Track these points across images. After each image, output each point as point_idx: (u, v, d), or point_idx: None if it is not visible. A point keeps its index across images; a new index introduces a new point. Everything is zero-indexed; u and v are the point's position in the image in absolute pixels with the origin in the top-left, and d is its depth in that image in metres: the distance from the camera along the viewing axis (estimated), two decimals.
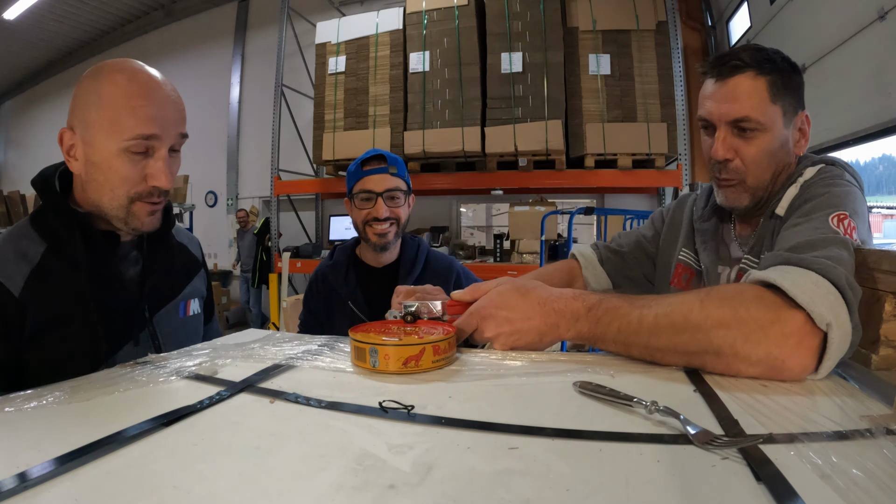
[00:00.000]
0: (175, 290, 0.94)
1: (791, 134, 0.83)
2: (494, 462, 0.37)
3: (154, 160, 0.78)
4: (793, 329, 0.54)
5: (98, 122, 0.76)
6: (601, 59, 3.36)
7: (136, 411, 0.47)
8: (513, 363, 0.63)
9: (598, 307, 0.63)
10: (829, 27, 2.56)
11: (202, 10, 6.06)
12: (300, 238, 5.04)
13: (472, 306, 0.70)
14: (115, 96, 0.75)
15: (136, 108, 0.75)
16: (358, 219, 1.30)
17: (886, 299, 0.61)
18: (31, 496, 0.33)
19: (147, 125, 0.76)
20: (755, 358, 0.55)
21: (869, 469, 0.34)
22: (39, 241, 0.79)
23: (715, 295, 0.59)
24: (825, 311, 0.54)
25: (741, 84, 0.79)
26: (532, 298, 0.67)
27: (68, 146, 0.79)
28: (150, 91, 0.77)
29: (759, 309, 0.56)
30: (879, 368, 0.60)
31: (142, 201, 0.79)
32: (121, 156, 0.76)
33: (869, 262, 0.64)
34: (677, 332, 0.58)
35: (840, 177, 0.77)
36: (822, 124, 2.61)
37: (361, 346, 0.62)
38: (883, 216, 5.75)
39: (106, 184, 0.78)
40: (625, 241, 1.09)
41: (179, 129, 0.80)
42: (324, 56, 4.07)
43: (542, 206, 3.56)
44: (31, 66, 7.12)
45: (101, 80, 0.77)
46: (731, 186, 0.85)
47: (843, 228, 0.66)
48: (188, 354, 0.69)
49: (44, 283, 0.76)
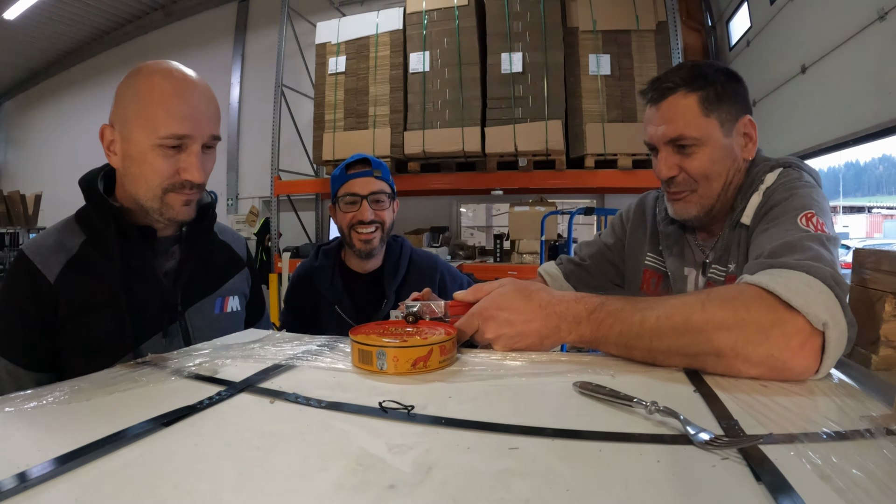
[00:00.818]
0: (212, 286, 0.95)
1: (735, 140, 0.85)
2: (494, 462, 0.37)
3: (186, 155, 0.82)
4: (794, 331, 0.54)
5: (134, 118, 0.80)
6: (601, 59, 3.36)
7: (136, 411, 0.47)
8: (513, 363, 0.63)
9: (600, 310, 0.64)
10: (829, 27, 2.56)
11: (202, 10, 6.05)
12: (300, 238, 5.04)
13: (474, 307, 0.70)
14: (150, 95, 0.79)
15: (170, 106, 0.79)
16: (343, 223, 1.28)
17: (886, 299, 0.61)
18: (31, 496, 0.33)
19: (180, 125, 0.80)
20: (756, 359, 0.55)
21: (869, 469, 0.34)
22: (80, 233, 0.85)
23: (716, 297, 0.59)
24: (820, 311, 0.54)
25: (673, 105, 0.84)
26: (534, 301, 0.67)
27: (108, 141, 0.84)
28: (184, 91, 0.81)
29: (760, 310, 0.56)
30: (879, 368, 0.60)
31: (175, 192, 0.83)
32: (154, 150, 0.80)
33: (869, 262, 0.64)
34: (679, 334, 0.58)
35: (799, 178, 0.79)
36: (822, 124, 2.60)
37: (367, 349, 0.61)
38: (883, 216, 5.75)
39: (141, 176, 0.82)
40: (586, 253, 1.11)
41: (212, 130, 0.84)
42: (324, 56, 4.07)
43: (542, 206, 3.56)
44: (31, 66, 7.11)
45: (139, 79, 0.81)
46: (679, 200, 0.88)
47: (813, 226, 0.68)
48: (188, 354, 0.69)
49: (78, 272, 0.82)
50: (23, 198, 5.93)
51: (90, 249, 0.83)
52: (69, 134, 6.78)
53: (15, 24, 5.68)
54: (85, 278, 0.82)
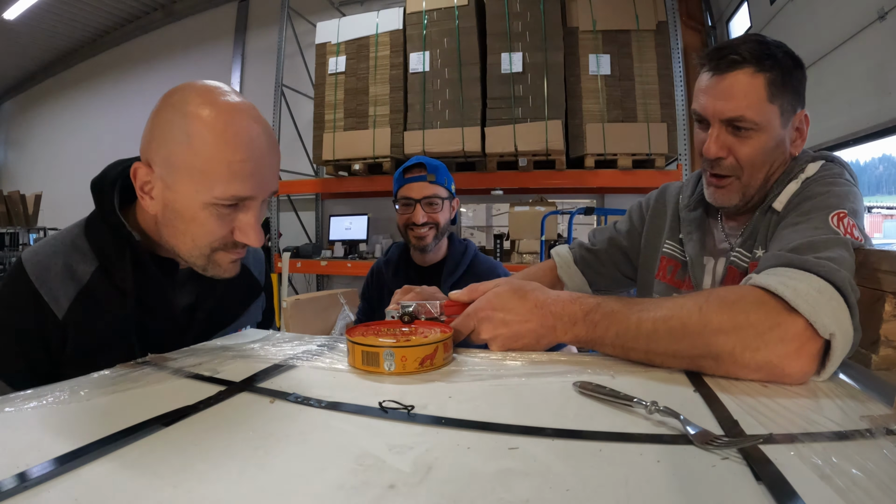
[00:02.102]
0: (227, 320, 0.89)
1: (788, 134, 0.81)
2: (494, 462, 0.37)
3: (245, 215, 0.71)
4: (792, 335, 0.54)
5: (185, 168, 0.67)
6: (601, 59, 3.36)
7: (136, 411, 0.47)
8: (513, 363, 0.63)
9: (596, 311, 0.63)
10: (829, 27, 2.56)
11: (202, 10, 6.05)
12: (300, 238, 5.04)
13: (470, 307, 0.69)
14: (207, 143, 0.66)
15: (233, 163, 0.66)
16: (400, 222, 1.42)
17: (886, 299, 0.61)
18: (31, 496, 0.33)
19: (242, 186, 0.68)
20: (754, 364, 0.54)
21: (869, 469, 0.34)
22: (92, 257, 0.74)
23: (714, 300, 0.58)
24: (828, 321, 0.53)
25: (738, 81, 0.76)
26: (530, 301, 0.66)
27: (143, 182, 0.71)
28: (250, 143, 0.68)
29: (759, 315, 0.55)
30: (879, 368, 0.60)
31: (224, 251, 0.73)
32: (207, 209, 0.68)
33: (869, 262, 0.64)
34: (676, 338, 0.58)
35: (840, 175, 0.76)
36: (822, 124, 2.60)
37: (374, 351, 0.60)
38: (883, 216, 5.74)
39: (187, 233, 0.71)
40: (598, 239, 1.09)
41: (274, 186, 0.73)
42: (324, 56, 4.07)
43: (542, 206, 3.56)
44: (31, 66, 7.11)
45: (189, 117, 0.66)
46: (722, 187, 0.83)
47: (844, 228, 0.66)
48: (188, 354, 0.69)
49: (89, 308, 0.72)
50: (23, 198, 5.93)
51: (103, 280, 0.73)
52: (69, 134, 6.78)
53: (15, 24, 5.68)
54: (97, 315, 0.72)
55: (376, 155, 3.75)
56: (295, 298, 2.01)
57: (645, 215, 1.05)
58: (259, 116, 0.71)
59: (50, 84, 7.24)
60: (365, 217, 4.35)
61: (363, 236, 4.31)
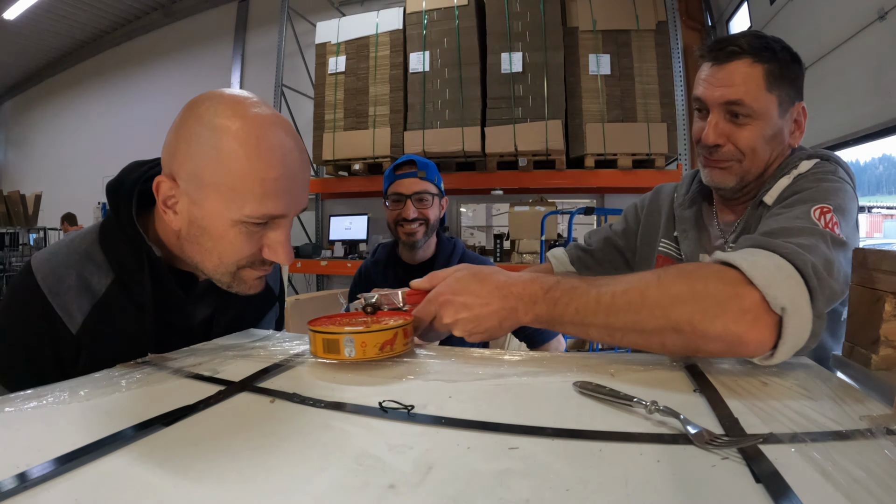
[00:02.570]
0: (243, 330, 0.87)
1: (786, 125, 0.82)
2: (494, 462, 0.37)
3: (275, 232, 0.68)
4: (749, 304, 0.53)
5: (214, 184, 0.63)
6: (601, 59, 3.36)
7: (136, 411, 0.47)
8: (513, 362, 0.63)
9: (556, 288, 0.63)
10: (829, 27, 2.56)
11: (202, 10, 6.05)
12: (300, 238, 5.04)
13: (430, 293, 0.69)
14: (238, 160, 0.62)
15: (266, 181, 0.63)
16: (390, 219, 1.42)
17: (886, 299, 0.61)
18: (31, 496, 0.33)
19: (275, 205, 0.65)
20: (713, 333, 0.54)
21: (869, 469, 0.34)
22: (107, 269, 0.70)
23: (673, 272, 0.58)
24: (780, 295, 0.53)
25: (737, 70, 0.79)
26: (490, 283, 0.65)
27: (166, 196, 0.67)
28: (283, 159, 0.65)
29: (717, 284, 0.55)
30: (879, 368, 0.60)
31: (251, 268, 0.70)
32: (236, 227, 0.65)
33: (869, 262, 0.63)
34: (635, 309, 0.57)
35: (833, 172, 0.76)
36: (822, 124, 2.60)
37: (334, 338, 0.62)
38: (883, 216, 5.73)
39: (214, 250, 0.68)
40: (594, 239, 1.10)
41: (305, 203, 0.70)
42: (324, 56, 4.07)
43: (542, 206, 3.56)
44: (31, 66, 7.11)
45: (218, 130, 0.63)
46: (721, 168, 0.84)
47: (825, 222, 0.65)
48: (188, 354, 0.69)
49: (104, 322, 0.69)
50: (23, 198, 5.94)
51: (119, 294, 0.69)
52: (69, 134, 6.78)
53: (15, 24, 5.68)
54: (112, 330, 0.69)
55: (376, 155, 3.75)
56: (295, 298, 2.01)
57: (640, 215, 1.06)
58: (291, 129, 0.68)
59: (50, 84, 7.25)
60: (365, 217, 4.36)
61: (363, 236, 4.31)
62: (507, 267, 3.61)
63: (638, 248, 1.05)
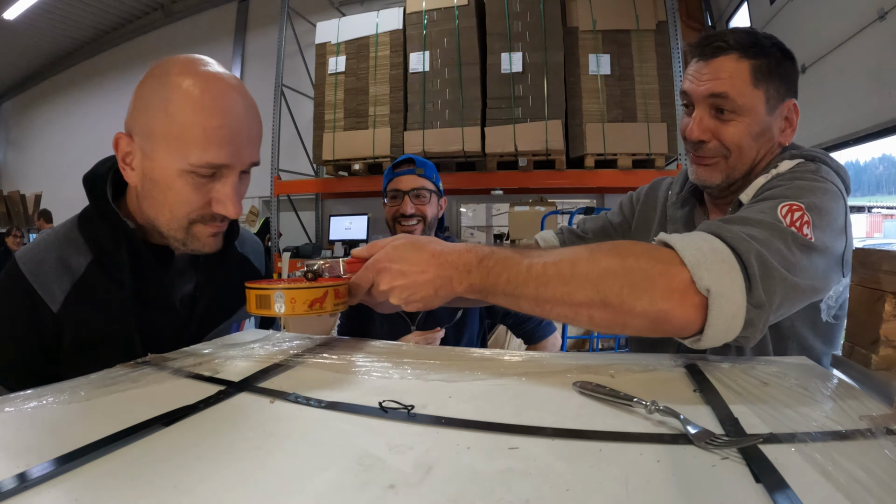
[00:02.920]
0: (229, 311, 0.88)
1: (775, 122, 0.81)
2: (494, 462, 0.37)
3: (221, 185, 0.70)
4: (678, 282, 0.53)
5: (161, 135, 0.67)
6: (601, 59, 3.36)
7: (136, 411, 0.47)
8: (513, 363, 0.63)
9: (490, 258, 0.63)
10: (829, 27, 2.56)
11: (202, 10, 6.05)
12: (300, 238, 5.04)
13: (368, 261, 0.69)
14: (183, 109, 0.65)
15: (208, 129, 0.66)
16: (388, 216, 1.43)
17: (886, 299, 0.61)
18: (31, 496, 0.33)
19: (218, 153, 0.67)
20: (640, 309, 0.54)
21: (869, 469, 0.34)
22: (86, 249, 0.73)
23: (606, 246, 0.59)
24: (706, 276, 0.53)
25: (723, 65, 0.79)
26: (426, 251, 0.65)
27: (124, 153, 0.71)
28: (226, 109, 0.67)
29: (649, 261, 0.55)
30: (879, 368, 0.60)
31: (203, 224, 0.72)
32: (183, 177, 0.68)
33: (869, 262, 0.63)
34: (564, 280, 0.57)
35: (814, 172, 0.73)
36: (822, 124, 2.61)
37: (265, 293, 0.64)
38: (883, 216, 5.73)
39: (164, 203, 0.70)
40: (589, 227, 1.08)
41: (253, 157, 0.72)
42: (324, 56, 4.07)
43: (542, 206, 3.57)
44: (31, 66, 7.11)
45: (168, 84, 0.66)
46: (707, 165, 0.83)
47: (791, 220, 0.63)
48: (188, 354, 0.69)
49: (85, 300, 0.71)
50: (23, 198, 5.94)
51: (98, 273, 0.72)
52: (69, 134, 6.77)
53: (15, 24, 5.68)
54: (93, 308, 0.71)
55: (376, 155, 3.75)
56: None
57: (635, 207, 1.05)
58: (240, 86, 0.70)
59: (50, 84, 7.25)
60: (365, 217, 4.36)
61: (363, 236, 4.31)
62: None
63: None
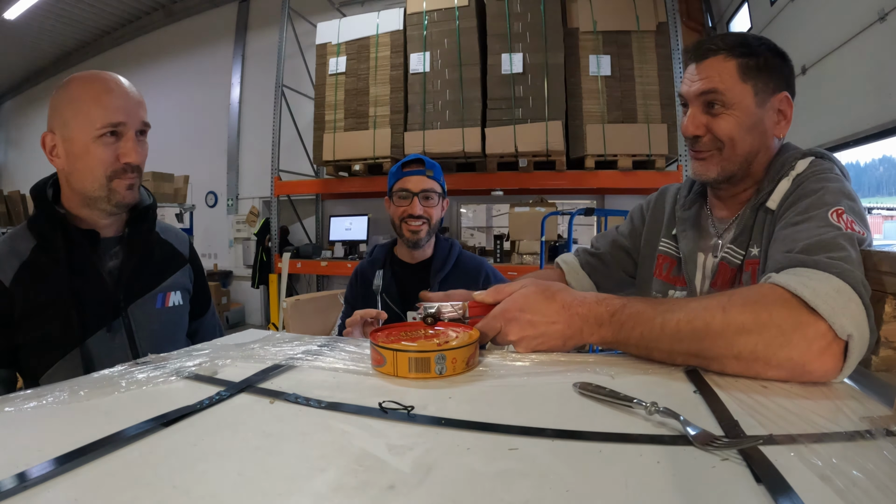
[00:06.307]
0: (153, 282, 1.02)
1: (767, 114, 0.84)
2: (494, 463, 0.37)
3: (124, 141, 0.91)
4: (815, 335, 0.54)
5: (73, 119, 0.88)
6: (601, 59, 3.37)
7: (136, 411, 0.47)
8: (513, 363, 0.63)
9: (622, 312, 0.64)
10: (829, 28, 2.56)
11: (202, 10, 6.06)
12: (301, 238, 5.04)
13: (496, 308, 0.69)
14: (84, 95, 0.89)
15: (103, 101, 0.88)
16: (395, 215, 1.41)
17: (886, 300, 0.61)
18: (31, 496, 0.33)
19: (115, 114, 0.89)
20: (776, 362, 0.55)
21: (869, 470, 0.34)
22: (31, 239, 0.92)
23: (738, 299, 0.59)
24: (847, 323, 0.54)
25: (712, 64, 0.84)
26: (557, 302, 0.66)
27: (50, 147, 0.92)
28: (113, 87, 0.90)
29: (782, 314, 0.56)
30: (879, 369, 0.60)
31: (118, 178, 0.91)
32: (95, 142, 0.88)
33: (869, 262, 0.63)
34: (699, 338, 0.58)
35: (830, 170, 0.77)
36: (823, 125, 2.61)
37: (425, 356, 0.57)
38: (883, 217, 5.72)
39: (86, 169, 0.90)
40: (601, 243, 1.13)
41: (142, 117, 0.93)
42: (324, 57, 4.08)
43: (543, 206, 3.57)
44: (31, 66, 7.12)
45: (71, 86, 0.90)
46: (702, 160, 0.87)
47: (844, 223, 0.67)
48: (188, 354, 0.69)
49: (30, 276, 0.89)
50: (23, 198, 5.93)
51: (40, 254, 0.91)
52: None
53: (15, 24, 5.68)
54: (36, 281, 0.89)
55: (376, 155, 3.75)
56: (295, 298, 2.01)
57: (646, 215, 1.09)
58: (124, 79, 0.93)
59: (50, 84, 7.24)
60: (365, 217, 4.36)
61: (363, 237, 4.31)
62: (507, 268, 3.58)
63: (641, 248, 1.07)
